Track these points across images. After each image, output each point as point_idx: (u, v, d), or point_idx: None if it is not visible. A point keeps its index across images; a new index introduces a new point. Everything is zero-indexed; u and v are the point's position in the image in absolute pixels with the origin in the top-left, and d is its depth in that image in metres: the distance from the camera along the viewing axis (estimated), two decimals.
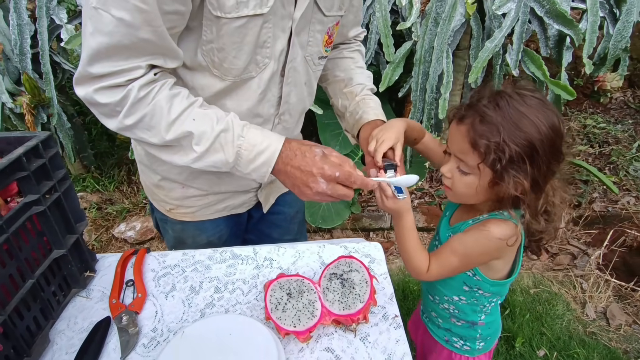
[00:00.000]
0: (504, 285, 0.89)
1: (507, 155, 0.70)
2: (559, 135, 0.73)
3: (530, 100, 0.73)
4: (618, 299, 2.06)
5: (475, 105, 0.74)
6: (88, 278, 0.82)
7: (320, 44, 0.87)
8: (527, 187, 0.73)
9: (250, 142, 0.74)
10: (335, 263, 0.78)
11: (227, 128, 0.73)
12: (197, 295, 0.80)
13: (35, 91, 2.15)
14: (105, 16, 0.61)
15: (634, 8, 1.85)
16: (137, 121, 0.70)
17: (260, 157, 0.74)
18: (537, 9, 1.66)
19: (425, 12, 1.81)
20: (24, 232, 0.66)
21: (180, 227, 1.04)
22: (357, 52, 1.09)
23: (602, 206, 2.58)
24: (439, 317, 1.01)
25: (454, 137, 0.77)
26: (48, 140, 0.70)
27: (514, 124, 0.70)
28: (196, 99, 0.75)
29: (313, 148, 0.75)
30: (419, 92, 1.92)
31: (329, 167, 0.72)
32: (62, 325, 0.74)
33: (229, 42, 0.71)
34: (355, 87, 1.01)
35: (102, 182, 2.83)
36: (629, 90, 3.62)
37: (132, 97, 0.68)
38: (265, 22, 0.72)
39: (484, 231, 0.79)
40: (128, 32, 0.62)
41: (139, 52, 0.66)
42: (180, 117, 0.71)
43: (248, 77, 0.78)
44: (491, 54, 1.65)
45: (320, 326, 0.71)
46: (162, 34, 0.65)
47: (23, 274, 0.66)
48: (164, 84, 0.71)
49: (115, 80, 0.66)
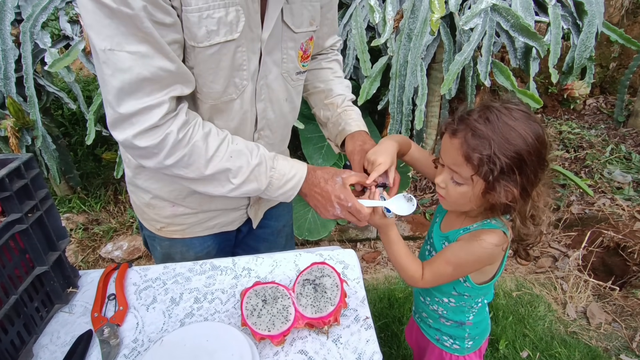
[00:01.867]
0: (489, 286, 0.94)
1: (499, 167, 0.75)
2: (543, 145, 0.78)
3: (516, 113, 0.78)
4: (597, 298, 2.12)
5: (467, 119, 0.79)
6: (71, 294, 0.84)
7: (295, 60, 0.91)
8: (517, 195, 0.78)
9: (280, 172, 0.84)
10: (309, 269, 0.82)
11: (261, 162, 0.83)
12: (177, 306, 0.83)
13: (19, 114, 2.17)
14: (121, 55, 0.66)
15: (595, 19, 1.96)
16: (177, 161, 0.76)
17: (289, 183, 0.85)
18: (503, 24, 1.75)
19: (399, 28, 1.89)
20: (7, 250, 0.69)
21: (168, 244, 1.06)
22: (334, 61, 1.13)
23: (580, 209, 2.66)
24: (429, 317, 1.05)
25: (447, 150, 0.82)
26: (30, 161, 0.74)
27: (504, 137, 0.75)
28: (225, 133, 0.82)
29: (335, 177, 0.86)
30: (396, 105, 1.99)
31: (344, 197, 0.84)
32: (45, 340, 0.76)
33: (205, 69, 0.76)
34: (336, 98, 1.06)
35: (89, 202, 2.84)
36: (601, 97, 3.77)
37: (172, 140, 0.73)
38: (238, 47, 0.77)
39: (478, 241, 0.83)
40: (145, 62, 0.67)
41: (159, 84, 0.70)
42: (217, 154, 0.79)
43: (229, 100, 0.82)
44: (461, 66, 1.74)
45: (294, 330, 0.74)
46: (174, 59, 0.70)
47: (6, 290, 0.69)
48: (196, 123, 0.78)
49: (148, 121, 0.70)
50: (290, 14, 0.83)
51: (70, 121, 3.18)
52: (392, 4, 1.84)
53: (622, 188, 2.73)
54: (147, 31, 0.65)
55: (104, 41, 0.65)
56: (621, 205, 2.56)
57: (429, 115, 2.40)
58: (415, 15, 1.82)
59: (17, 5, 2.03)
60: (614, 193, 2.69)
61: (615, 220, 2.46)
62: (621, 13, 3.51)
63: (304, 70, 0.94)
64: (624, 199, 2.61)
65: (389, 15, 1.83)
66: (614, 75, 3.70)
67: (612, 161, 2.98)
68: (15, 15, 2.04)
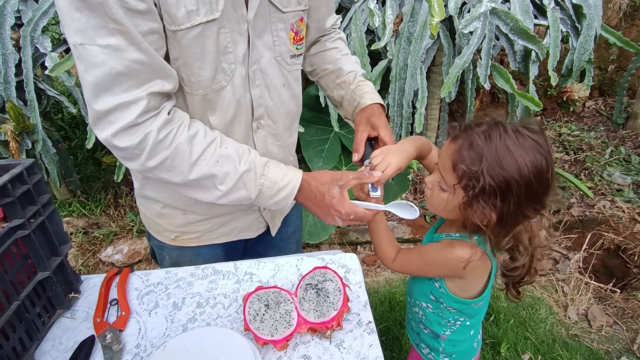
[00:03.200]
0: (466, 304, 0.91)
1: (480, 185, 0.72)
2: (541, 182, 0.73)
3: (524, 140, 0.72)
4: (598, 300, 2.12)
5: (470, 130, 0.76)
6: (73, 299, 0.84)
7: (287, 42, 0.87)
8: (493, 220, 0.75)
9: (271, 180, 0.79)
10: (311, 274, 0.82)
11: (250, 168, 0.78)
12: (179, 311, 0.83)
13: (19, 118, 2.17)
14: (93, 48, 0.64)
15: (593, 22, 1.97)
16: (160, 163, 0.73)
17: (281, 192, 0.80)
18: (502, 27, 1.76)
19: (399, 31, 1.90)
20: (9, 256, 0.69)
21: (176, 253, 1.04)
22: (338, 40, 1.09)
23: (580, 211, 2.66)
24: (412, 319, 1.06)
25: (443, 153, 0.80)
26: (32, 167, 0.74)
27: (498, 159, 0.71)
28: (214, 137, 0.78)
29: (331, 189, 0.80)
30: (396, 108, 1.99)
31: (345, 211, 0.79)
32: (47, 346, 0.76)
33: (190, 54, 0.73)
34: (347, 76, 1.03)
35: (89, 206, 2.84)
36: (600, 99, 3.78)
37: (152, 140, 0.70)
38: (221, 28, 0.74)
39: (448, 248, 0.84)
40: (118, 56, 0.65)
41: (136, 78, 0.68)
42: (202, 158, 0.75)
43: (219, 87, 0.79)
44: (461, 69, 1.74)
45: (297, 334, 0.74)
46: (148, 51, 0.67)
47: (8, 296, 0.69)
48: (182, 124, 0.74)
49: (126, 119, 0.68)
50: None
51: (70, 125, 3.18)
52: (392, 7, 1.85)
53: (622, 190, 2.74)
54: (118, 20, 0.63)
55: (75, 36, 0.63)
56: (621, 207, 2.56)
57: (429, 118, 2.40)
58: (414, 18, 1.83)
59: (17, 9, 2.04)
60: (614, 195, 2.69)
61: (615, 222, 2.46)
62: (619, 16, 3.53)
63: (298, 53, 0.91)
64: (624, 201, 2.61)
65: (389, 18, 1.83)
66: (613, 78, 3.71)
67: (612, 163, 2.99)
68: (16, 19, 2.04)
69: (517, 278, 0.86)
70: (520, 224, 0.77)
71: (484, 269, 0.86)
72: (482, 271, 0.87)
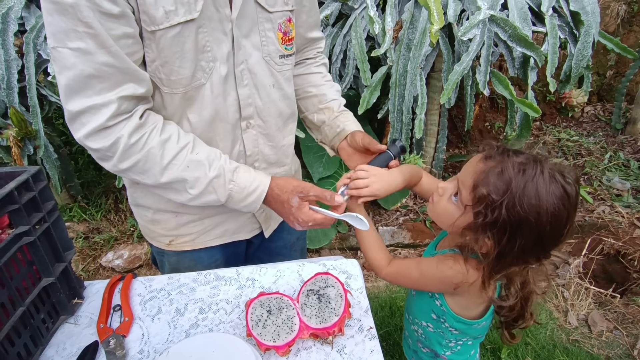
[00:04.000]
0: (467, 324, 0.88)
1: (494, 217, 0.69)
2: (554, 234, 0.70)
3: (557, 187, 0.68)
4: (598, 305, 2.12)
5: (506, 157, 0.72)
6: (76, 305, 0.85)
7: (275, 42, 0.89)
8: (492, 254, 0.72)
9: (240, 185, 0.82)
10: (313, 280, 0.82)
11: (219, 174, 0.81)
12: (182, 316, 0.84)
13: (22, 124, 2.19)
14: (64, 51, 0.67)
15: (591, 29, 1.99)
16: (132, 166, 0.76)
17: (250, 197, 0.84)
18: (501, 34, 1.78)
19: (398, 38, 1.92)
20: (15, 262, 0.70)
21: (176, 259, 1.05)
22: (322, 65, 1.14)
23: (580, 216, 2.67)
24: (410, 336, 1.04)
25: (469, 168, 0.76)
26: (38, 174, 0.75)
27: (522, 197, 0.67)
28: (187, 141, 0.80)
29: (291, 199, 0.83)
30: (396, 114, 2.01)
31: (302, 219, 0.83)
32: (51, 352, 0.76)
33: (170, 54, 0.75)
34: (331, 103, 1.08)
35: (89, 211, 2.84)
36: (599, 104, 3.80)
37: (123, 144, 0.73)
38: (200, 27, 0.75)
39: (447, 262, 0.80)
40: (87, 59, 0.67)
41: (108, 81, 0.70)
42: (173, 162, 0.77)
43: (198, 85, 0.80)
44: (460, 76, 1.76)
45: (299, 340, 0.75)
46: (118, 55, 0.69)
47: (14, 302, 0.69)
48: (154, 128, 0.77)
49: (96, 121, 0.70)
50: None
51: None
52: (392, 14, 1.87)
53: (621, 195, 2.75)
54: (89, 23, 0.64)
55: (50, 39, 0.67)
56: (620, 213, 2.57)
57: (429, 123, 2.42)
58: (414, 26, 1.85)
59: (20, 16, 2.05)
60: (613, 200, 2.70)
61: (615, 227, 2.47)
62: (617, 22, 3.56)
63: (288, 53, 0.92)
64: (623, 206, 2.62)
65: (389, 25, 1.85)
66: (611, 83, 3.73)
67: (611, 168, 3.00)
68: (19, 26, 2.06)
69: (509, 319, 0.82)
70: (517, 265, 0.74)
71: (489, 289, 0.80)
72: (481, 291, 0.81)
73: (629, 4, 3.51)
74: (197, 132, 0.86)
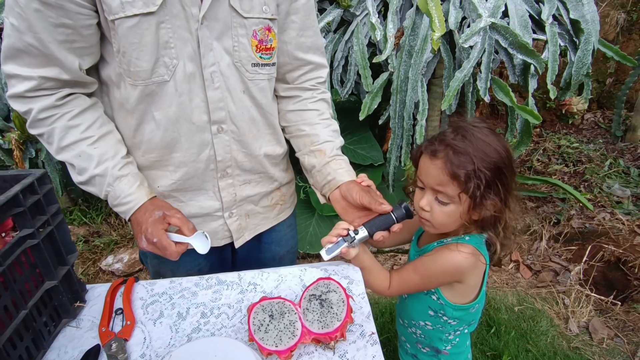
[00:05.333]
0: (465, 309, 0.93)
1: (484, 180, 0.79)
2: (511, 155, 0.84)
3: (485, 130, 0.83)
4: (599, 313, 2.12)
5: (445, 139, 0.83)
6: (78, 308, 0.85)
7: (249, 50, 0.88)
8: (500, 205, 0.82)
9: (115, 193, 0.87)
10: (315, 285, 0.82)
11: (103, 174, 0.87)
12: (184, 320, 0.84)
13: (24, 127, 2.19)
14: (7, 22, 0.77)
15: (591, 37, 2.00)
16: (38, 135, 0.86)
17: (120, 207, 0.88)
18: (502, 41, 1.79)
19: (400, 45, 1.93)
20: (18, 265, 0.70)
21: (157, 261, 1.05)
22: (321, 101, 1.05)
23: (580, 223, 2.67)
24: (407, 341, 1.05)
25: (429, 171, 0.83)
26: (43, 177, 0.75)
27: (482, 151, 0.80)
28: (92, 135, 0.86)
29: (156, 211, 0.85)
30: (397, 120, 2.02)
31: (150, 232, 0.82)
32: (52, 355, 0.76)
33: (127, 44, 0.78)
34: (324, 145, 1.00)
35: (90, 214, 2.84)
36: (599, 112, 3.82)
37: (32, 116, 0.83)
38: (162, 22, 0.78)
39: (445, 253, 0.85)
40: (17, 35, 0.76)
41: (34, 59, 0.78)
42: (70, 147, 0.86)
43: (161, 81, 0.83)
44: (461, 83, 1.77)
45: (301, 345, 0.75)
46: (42, 42, 0.76)
47: (17, 304, 0.69)
48: (67, 113, 0.84)
49: (16, 89, 0.81)
50: None
51: None
52: (393, 21, 1.88)
53: (622, 202, 2.75)
54: (22, 7, 0.73)
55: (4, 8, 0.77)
56: (621, 220, 2.57)
57: (430, 129, 2.43)
58: (415, 32, 1.86)
59: None
60: (613, 207, 2.70)
61: (615, 234, 2.47)
62: (616, 30, 3.58)
63: (262, 62, 0.91)
64: (624, 213, 2.62)
65: (390, 32, 1.87)
66: (611, 91, 3.75)
67: (611, 175, 3.00)
68: None
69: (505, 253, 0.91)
70: (511, 197, 0.85)
71: (480, 269, 0.88)
72: (480, 271, 0.89)
73: (628, 13, 3.54)
74: (161, 131, 0.89)
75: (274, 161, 1.06)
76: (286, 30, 0.95)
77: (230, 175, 0.99)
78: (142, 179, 0.91)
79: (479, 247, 0.87)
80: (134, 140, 0.92)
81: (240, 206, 1.05)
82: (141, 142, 0.91)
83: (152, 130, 0.89)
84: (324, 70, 1.06)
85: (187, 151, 0.92)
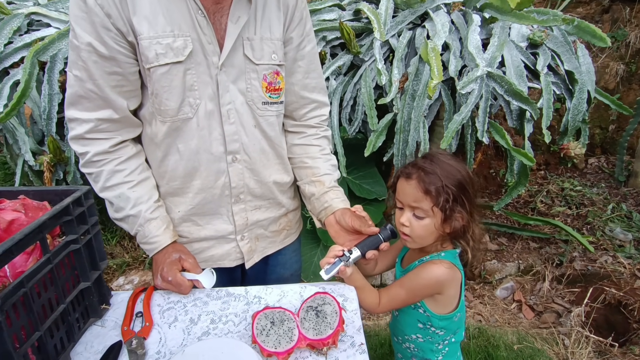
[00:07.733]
0: (449, 319, 1.03)
1: (451, 195, 0.94)
2: (470, 175, 1.01)
3: (447, 156, 1.02)
4: (598, 354, 2.12)
5: (416, 164, 1.00)
6: (104, 310, 0.96)
7: (259, 90, 1.03)
8: (467, 217, 0.97)
9: (144, 233, 1.03)
10: (312, 298, 0.93)
11: (137, 215, 1.02)
12: (195, 325, 0.94)
13: (57, 151, 2.39)
14: (70, 75, 0.93)
15: (585, 87, 2.15)
16: (87, 173, 1.01)
17: (146, 246, 1.05)
18: (498, 89, 1.95)
19: (404, 89, 2.10)
20: (62, 265, 0.83)
21: None
22: (323, 138, 1.20)
23: (582, 265, 2.70)
24: (403, 357, 1.13)
25: (405, 191, 0.99)
26: (88, 193, 0.90)
27: (447, 171, 0.97)
28: (132, 179, 1.01)
29: (173, 254, 1.02)
30: (400, 157, 2.15)
31: (166, 271, 1.00)
32: (80, 348, 0.87)
33: (159, 87, 0.94)
34: (324, 177, 1.15)
35: (105, 236, 2.98)
36: (603, 157, 3.90)
37: (87, 158, 0.98)
38: (188, 70, 0.94)
39: (426, 268, 0.99)
40: (80, 84, 0.92)
41: (92, 103, 0.93)
42: (112, 188, 1.01)
43: (186, 118, 0.98)
44: (459, 125, 1.91)
45: (297, 349, 0.84)
46: (101, 86, 0.92)
47: (58, 299, 0.82)
48: (115, 159, 0.99)
49: (78, 130, 0.95)
50: (250, 48, 0.99)
51: None
52: (398, 67, 2.06)
53: (624, 246, 2.79)
54: (84, 60, 0.89)
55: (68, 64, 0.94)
56: (622, 263, 2.60)
57: None
58: (418, 78, 2.03)
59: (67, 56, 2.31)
60: (615, 250, 2.74)
61: (617, 277, 2.50)
62: (616, 80, 3.74)
63: (271, 101, 1.06)
64: (625, 257, 2.65)
65: (395, 77, 2.04)
66: (614, 137, 3.85)
67: (614, 219, 3.05)
68: (64, 65, 2.31)
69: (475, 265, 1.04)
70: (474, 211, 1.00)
71: (457, 280, 1.01)
72: (457, 282, 1.01)
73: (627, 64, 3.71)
74: (184, 161, 1.03)
75: (282, 188, 1.19)
76: (293, 74, 1.11)
77: (242, 201, 1.12)
78: (168, 222, 1.07)
79: (454, 260, 1.00)
80: (159, 170, 1.07)
81: (251, 230, 1.17)
82: (166, 171, 1.06)
83: (176, 160, 1.04)
84: (326, 108, 1.21)
85: (206, 179, 1.06)
